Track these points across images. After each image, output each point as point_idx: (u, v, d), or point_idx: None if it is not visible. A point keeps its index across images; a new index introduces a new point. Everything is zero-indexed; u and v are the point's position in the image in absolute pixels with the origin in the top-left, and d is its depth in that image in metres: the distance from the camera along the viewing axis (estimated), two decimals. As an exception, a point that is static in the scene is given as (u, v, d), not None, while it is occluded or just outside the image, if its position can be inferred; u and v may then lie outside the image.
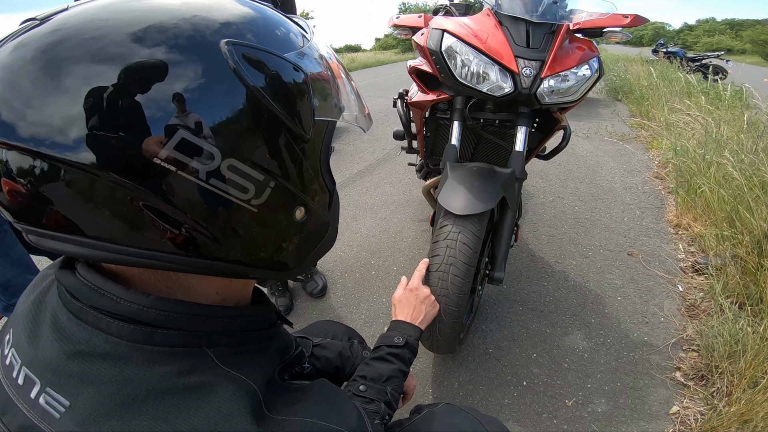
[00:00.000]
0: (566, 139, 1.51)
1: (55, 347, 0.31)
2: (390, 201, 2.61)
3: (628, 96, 5.77)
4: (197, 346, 0.33)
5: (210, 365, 0.33)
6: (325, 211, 0.41)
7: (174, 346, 0.32)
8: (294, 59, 0.34)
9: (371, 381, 0.65)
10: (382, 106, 5.97)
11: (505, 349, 1.44)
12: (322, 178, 0.40)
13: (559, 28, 1.19)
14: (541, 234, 2.17)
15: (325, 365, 0.73)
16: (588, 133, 4.08)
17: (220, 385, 0.31)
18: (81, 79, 0.26)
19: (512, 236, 1.27)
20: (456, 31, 1.19)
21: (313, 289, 1.72)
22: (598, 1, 1.32)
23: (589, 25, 1.25)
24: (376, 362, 0.69)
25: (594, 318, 1.58)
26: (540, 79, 1.14)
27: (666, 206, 2.46)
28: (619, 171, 3.04)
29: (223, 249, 0.33)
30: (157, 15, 0.29)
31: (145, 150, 0.27)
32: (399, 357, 0.71)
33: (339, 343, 0.78)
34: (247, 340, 0.38)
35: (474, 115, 1.35)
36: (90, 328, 0.31)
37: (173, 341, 0.32)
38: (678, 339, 1.46)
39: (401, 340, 0.74)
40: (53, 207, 0.28)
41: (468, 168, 1.20)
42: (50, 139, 0.26)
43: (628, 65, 8.18)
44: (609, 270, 1.87)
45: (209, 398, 0.30)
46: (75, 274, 0.34)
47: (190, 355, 0.33)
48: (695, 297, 1.65)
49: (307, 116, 0.35)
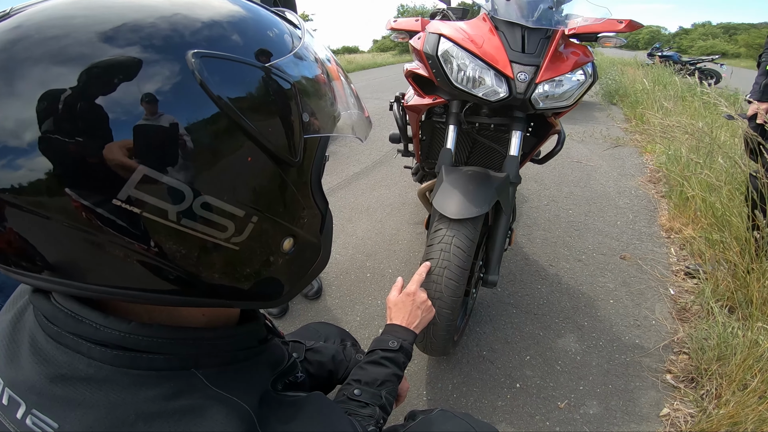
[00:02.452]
0: (561, 143, 1.52)
1: (35, 370, 0.30)
2: (386, 204, 2.62)
3: (624, 100, 5.82)
4: (184, 369, 0.32)
5: (199, 387, 0.31)
6: (317, 235, 0.38)
7: (160, 369, 0.30)
8: (282, 66, 0.30)
9: (366, 385, 0.65)
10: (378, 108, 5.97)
11: (499, 352, 1.45)
12: (312, 200, 0.36)
13: (555, 33, 1.20)
14: (535, 237, 2.18)
15: (318, 369, 0.73)
16: (583, 136, 4.12)
17: (211, 408, 0.30)
18: (36, 83, 0.23)
19: (506, 240, 1.28)
20: (452, 36, 1.19)
21: (308, 291, 1.73)
22: (593, 7, 1.34)
23: (584, 30, 1.26)
24: (371, 366, 0.69)
25: (587, 321, 1.60)
26: (534, 84, 1.14)
27: (659, 210, 2.48)
28: (613, 175, 3.07)
29: (199, 288, 0.30)
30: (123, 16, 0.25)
31: (100, 193, 0.24)
32: (393, 361, 0.71)
33: (332, 347, 0.78)
34: (236, 359, 0.36)
35: (469, 119, 1.36)
36: (71, 351, 0.30)
37: (158, 365, 0.30)
38: (669, 342, 1.47)
39: (396, 344, 0.73)
40: (10, 239, 0.25)
41: (463, 172, 1.20)
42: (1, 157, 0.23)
43: (624, 69, 8.25)
44: (602, 273, 1.89)
45: (200, 421, 0.29)
46: (50, 299, 0.31)
47: (177, 377, 0.31)
48: (686, 300, 1.67)
49: (295, 135, 0.31)
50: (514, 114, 1.27)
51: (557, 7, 1.28)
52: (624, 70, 7.88)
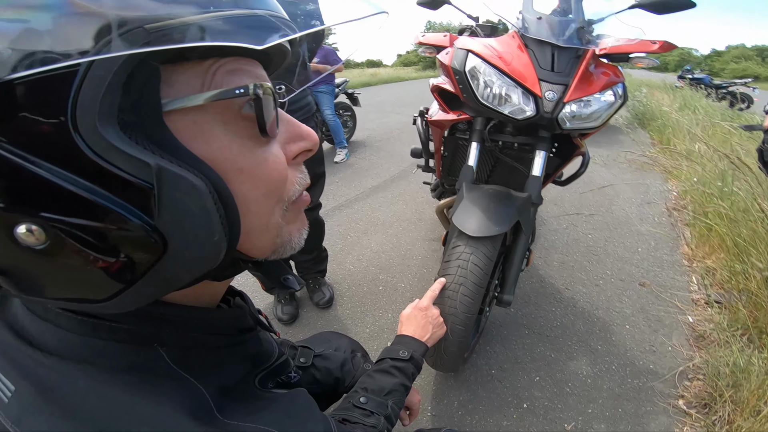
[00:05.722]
0: (585, 165, 1.49)
1: (5, 335, 0.29)
2: (402, 218, 2.65)
3: (650, 123, 5.72)
4: (146, 344, 0.30)
5: (159, 364, 0.30)
6: (139, 218, 0.22)
7: (120, 341, 0.29)
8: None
9: (372, 393, 0.64)
10: (399, 122, 6.06)
11: (508, 371, 1.45)
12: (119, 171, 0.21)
13: (585, 53, 1.18)
14: (552, 260, 2.17)
15: (325, 376, 0.73)
16: (606, 160, 4.06)
17: (163, 385, 0.29)
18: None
19: (524, 260, 1.27)
20: (481, 52, 1.19)
21: (320, 299, 1.76)
22: (625, 27, 1.30)
23: (616, 50, 1.22)
24: (379, 374, 0.68)
25: (600, 345, 1.58)
26: (562, 104, 1.12)
27: (682, 238, 2.42)
28: (636, 201, 3.02)
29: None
30: None
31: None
32: (402, 371, 0.70)
33: (341, 355, 0.78)
34: (207, 343, 0.34)
35: (493, 137, 1.35)
36: (39, 320, 0.29)
37: (121, 336, 0.29)
38: (684, 368, 1.44)
39: (406, 354, 0.72)
40: None
41: (484, 190, 1.20)
42: None
43: (652, 91, 8.12)
44: (619, 299, 1.86)
45: (147, 395, 0.28)
46: None
47: (137, 352, 0.30)
48: (705, 328, 1.63)
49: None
50: (539, 133, 1.24)
51: (588, 27, 1.27)
52: (652, 93, 7.76)
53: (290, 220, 0.34)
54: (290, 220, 0.34)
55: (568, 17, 1.30)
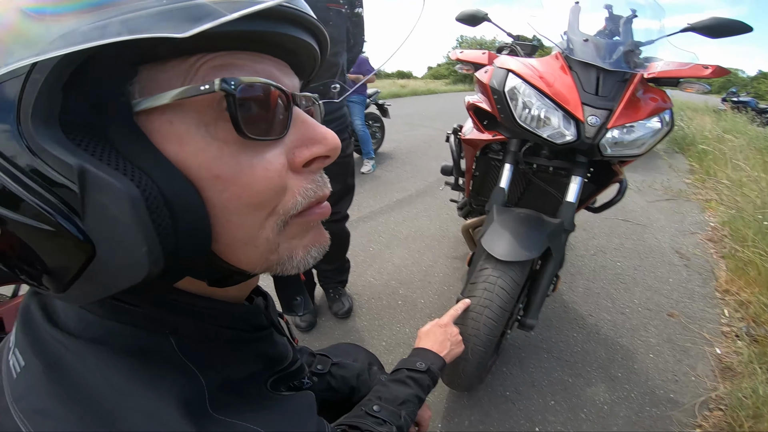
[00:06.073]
0: (621, 193, 1.43)
1: (37, 314, 0.31)
2: (426, 234, 2.66)
3: (690, 149, 5.49)
4: (159, 331, 0.30)
5: (166, 351, 0.30)
6: (67, 219, 0.23)
7: (136, 326, 0.29)
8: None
9: (386, 402, 0.63)
10: (427, 136, 6.09)
11: (523, 394, 1.43)
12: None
13: (633, 76, 1.13)
14: (577, 286, 2.12)
15: (340, 384, 0.73)
16: (641, 186, 3.92)
17: (163, 369, 0.28)
18: None
19: (551, 286, 1.24)
20: (521, 72, 1.16)
21: (338, 309, 1.78)
22: (676, 50, 1.24)
23: (666, 75, 1.16)
24: (394, 384, 0.67)
25: (621, 372, 1.54)
26: (605, 129, 1.08)
27: (716, 270, 2.32)
28: (670, 230, 2.91)
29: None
30: None
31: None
32: (418, 382, 0.69)
33: (358, 366, 0.78)
34: (218, 336, 0.34)
35: (528, 159, 1.32)
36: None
37: (136, 321, 0.29)
38: (706, 398, 1.40)
39: (423, 365, 0.72)
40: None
41: (515, 214, 1.19)
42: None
43: (693, 114, 7.80)
44: (645, 328, 1.81)
45: (147, 379, 0.27)
46: None
47: (149, 337, 0.30)
48: (732, 360, 1.57)
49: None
50: (576, 158, 1.21)
51: (637, 50, 1.22)
52: (693, 116, 7.45)
53: (292, 235, 0.31)
54: (292, 235, 0.31)
55: (616, 39, 1.27)
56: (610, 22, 1.33)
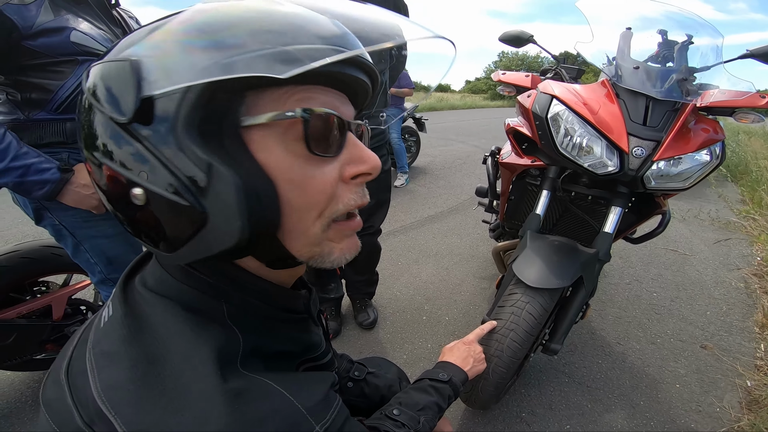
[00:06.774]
0: (663, 225, 1.37)
1: (138, 279, 0.39)
2: (455, 252, 2.69)
3: (742, 177, 5.17)
4: (216, 298, 0.37)
5: (217, 315, 0.36)
6: (193, 195, 0.32)
7: (200, 290, 0.37)
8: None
9: (406, 407, 0.65)
10: (462, 152, 6.08)
11: (539, 416, 1.43)
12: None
13: (684, 106, 1.08)
14: (608, 314, 2.08)
15: (373, 392, 0.79)
16: (686, 215, 3.74)
17: (209, 327, 0.34)
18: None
19: (579, 313, 1.22)
20: (565, 98, 1.13)
21: (364, 320, 1.84)
22: (732, 78, 1.17)
23: (720, 104, 1.10)
24: (415, 391, 0.70)
25: (643, 400, 1.51)
26: (651, 162, 1.03)
27: (758, 306, 2.20)
28: (713, 263, 2.77)
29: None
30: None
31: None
32: (439, 391, 0.71)
33: (392, 378, 0.84)
34: (259, 310, 0.40)
35: (566, 186, 1.29)
36: (161, 269, 0.38)
37: (202, 287, 0.37)
38: (728, 429, 1.35)
39: (446, 376, 0.75)
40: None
41: (549, 241, 1.17)
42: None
43: (747, 139, 7.31)
44: (675, 359, 1.76)
45: (194, 331, 0.33)
46: None
47: (207, 302, 0.37)
48: (762, 393, 1.50)
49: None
50: (617, 188, 1.17)
51: (690, 77, 1.16)
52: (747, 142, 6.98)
53: (333, 238, 0.38)
54: (333, 238, 0.38)
55: (668, 66, 1.21)
56: (664, 47, 1.27)
